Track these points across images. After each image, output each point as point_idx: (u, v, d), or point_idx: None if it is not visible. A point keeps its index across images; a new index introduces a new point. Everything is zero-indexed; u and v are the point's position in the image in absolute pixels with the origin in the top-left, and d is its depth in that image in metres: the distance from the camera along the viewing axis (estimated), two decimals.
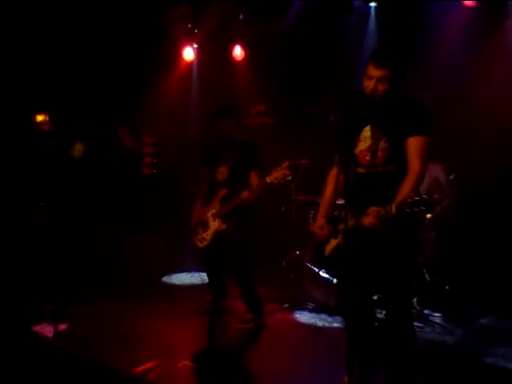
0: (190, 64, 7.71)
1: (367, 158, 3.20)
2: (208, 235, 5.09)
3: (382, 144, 3.13)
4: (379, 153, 3.14)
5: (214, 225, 5.04)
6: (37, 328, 4.74)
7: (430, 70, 5.77)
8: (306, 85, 6.83)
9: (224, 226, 4.99)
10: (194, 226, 5.23)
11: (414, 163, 3.03)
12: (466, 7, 5.91)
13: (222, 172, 5.08)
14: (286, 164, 4.57)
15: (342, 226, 3.15)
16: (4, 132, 6.19)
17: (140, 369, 3.99)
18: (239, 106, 6.90)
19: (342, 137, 3.33)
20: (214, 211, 5.06)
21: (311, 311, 5.36)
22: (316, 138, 6.18)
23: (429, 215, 2.58)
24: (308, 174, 5.83)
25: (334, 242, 3.31)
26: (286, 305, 5.55)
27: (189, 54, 7.48)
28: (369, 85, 3.10)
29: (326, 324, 5.00)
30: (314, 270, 5.35)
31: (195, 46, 7.51)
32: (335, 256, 3.26)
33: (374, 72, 3.10)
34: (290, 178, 4.65)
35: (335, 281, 5.03)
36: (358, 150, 3.25)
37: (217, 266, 5.30)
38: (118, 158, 7.68)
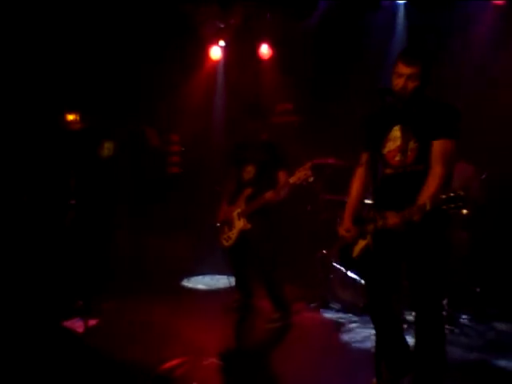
0: (217, 63, 7.73)
1: (397, 158, 3.16)
2: (233, 234, 5.09)
3: (412, 144, 3.11)
4: (409, 153, 3.11)
5: (239, 224, 5.05)
6: (67, 323, 4.82)
7: (459, 69, 5.70)
8: (333, 84, 6.79)
9: (249, 226, 4.99)
10: (220, 224, 5.25)
11: (436, 167, 3.01)
12: (496, 6, 5.81)
13: (249, 171, 5.08)
14: (308, 165, 4.56)
15: (371, 227, 3.12)
16: (36, 131, 6.29)
17: (167, 365, 4.03)
18: (265, 104, 6.91)
19: (370, 136, 3.30)
20: (239, 210, 5.07)
21: (339, 311, 5.34)
22: (342, 137, 6.15)
23: (465, 211, 2.53)
24: (335, 173, 5.81)
25: (362, 243, 3.28)
26: (314, 304, 5.55)
27: (216, 52, 7.51)
28: (398, 83, 3.08)
29: (354, 324, 4.97)
30: (342, 270, 5.33)
31: (222, 44, 7.52)
32: (364, 257, 3.24)
33: (403, 69, 3.07)
34: (312, 178, 4.61)
35: (363, 281, 5.01)
36: (386, 150, 3.22)
37: (243, 264, 5.31)
38: (145, 157, 7.74)
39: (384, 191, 3.17)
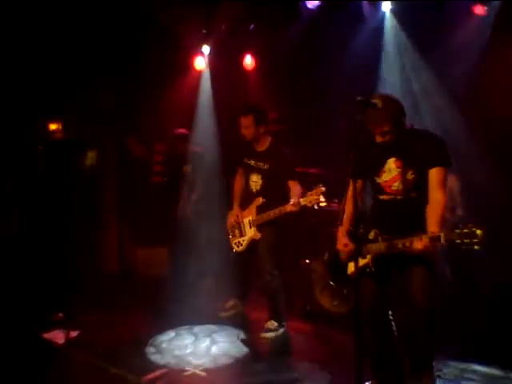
0: (201, 73, 7.73)
1: (394, 187, 3.37)
2: (244, 241, 5.17)
3: (410, 175, 3.32)
4: (406, 183, 3.32)
5: (250, 232, 5.11)
6: (48, 335, 4.76)
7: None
8: (316, 93, 6.82)
9: (259, 235, 5.05)
10: (230, 227, 5.30)
11: (437, 194, 3.24)
12: (477, 15, 5.86)
13: (256, 182, 5.09)
14: (320, 190, 4.50)
15: (373, 248, 3.29)
16: (18, 141, 6.24)
17: (150, 377, 4.00)
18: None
19: (361, 166, 3.27)
20: (250, 218, 5.11)
21: (322, 321, 5.29)
22: (326, 147, 6.20)
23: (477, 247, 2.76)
24: (316, 182, 5.84)
25: (360, 262, 3.31)
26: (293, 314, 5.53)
27: (200, 63, 7.53)
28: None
29: (337, 334, 4.91)
30: (324, 279, 5.32)
31: (206, 55, 7.54)
32: (360, 275, 3.22)
33: None
34: (324, 204, 4.60)
35: (345, 291, 5.02)
36: (382, 180, 3.42)
37: (247, 270, 5.37)
38: (127, 166, 7.71)
39: (381, 214, 3.44)
